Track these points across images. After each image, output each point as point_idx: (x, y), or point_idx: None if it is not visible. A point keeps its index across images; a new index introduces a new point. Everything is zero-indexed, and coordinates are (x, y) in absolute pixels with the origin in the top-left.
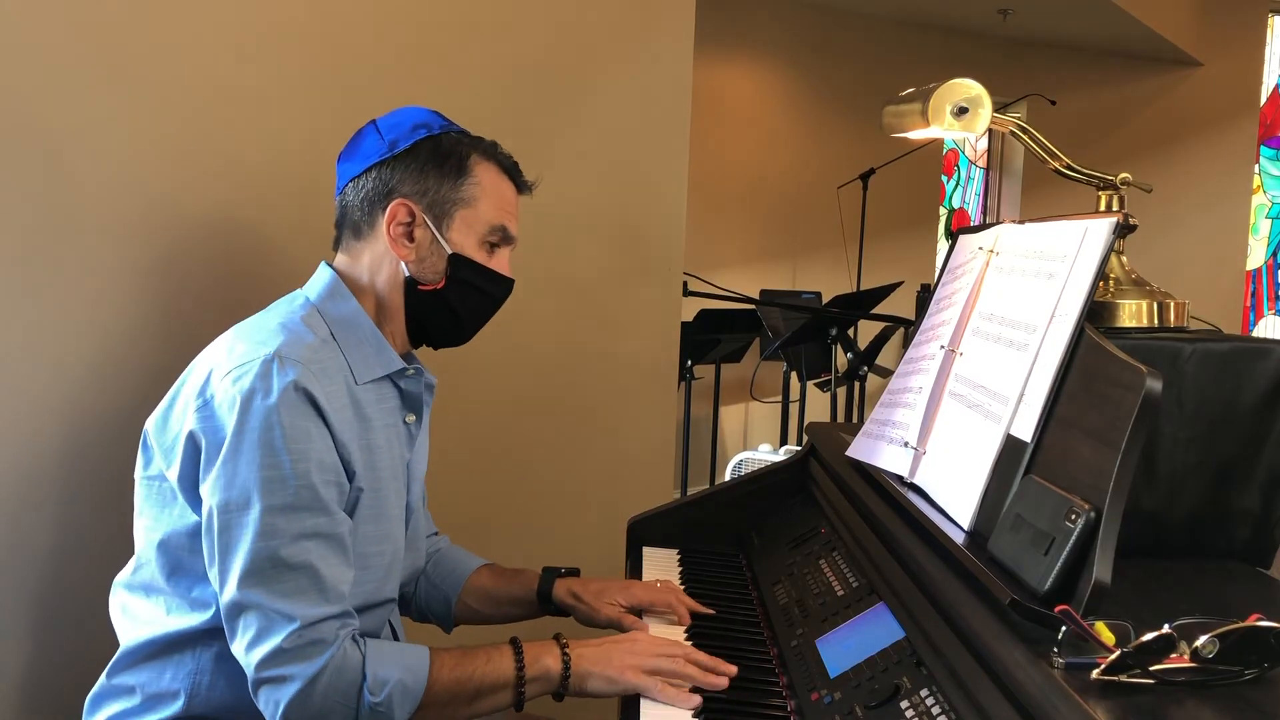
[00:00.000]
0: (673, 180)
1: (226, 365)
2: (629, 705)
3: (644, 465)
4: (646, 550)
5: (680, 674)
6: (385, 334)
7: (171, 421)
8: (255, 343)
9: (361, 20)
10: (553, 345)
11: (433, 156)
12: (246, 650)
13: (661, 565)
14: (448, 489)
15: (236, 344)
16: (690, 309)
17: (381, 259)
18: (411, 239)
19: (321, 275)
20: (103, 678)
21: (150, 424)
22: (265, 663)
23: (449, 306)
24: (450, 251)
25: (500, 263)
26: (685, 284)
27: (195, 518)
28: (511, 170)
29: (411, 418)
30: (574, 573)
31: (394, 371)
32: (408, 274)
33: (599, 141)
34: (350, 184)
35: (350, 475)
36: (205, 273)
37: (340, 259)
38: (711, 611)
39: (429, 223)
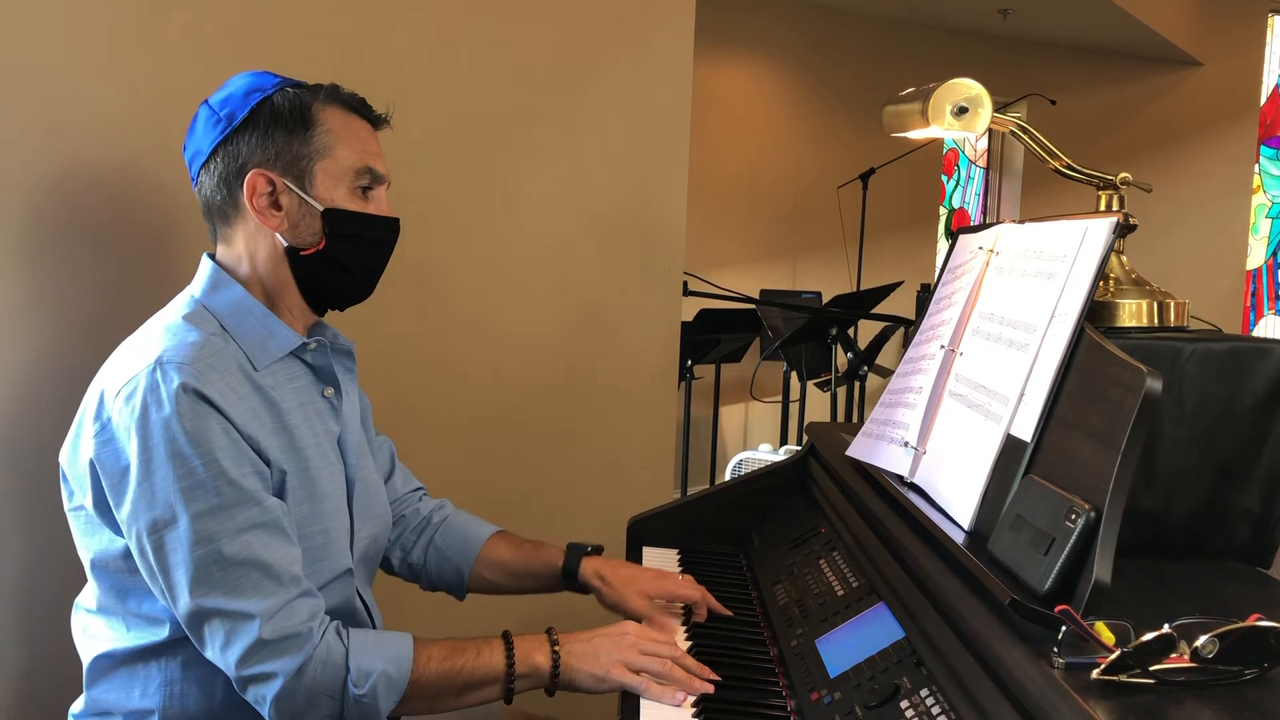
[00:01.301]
0: (673, 180)
1: (116, 384)
2: (628, 704)
3: (644, 465)
4: (646, 550)
5: (666, 676)
6: (282, 311)
7: (80, 450)
8: (139, 355)
9: (358, 18)
10: (553, 345)
11: (274, 117)
12: (221, 654)
13: (661, 565)
14: (447, 489)
15: (123, 358)
16: (690, 309)
17: (255, 236)
18: (279, 207)
19: (203, 269)
20: (82, 695)
21: (63, 456)
22: (244, 661)
23: (338, 264)
24: (321, 208)
25: (377, 205)
26: (685, 284)
27: (123, 541)
28: (359, 107)
29: (330, 391)
30: (598, 550)
31: (295, 349)
32: (286, 243)
33: (599, 141)
34: (202, 171)
35: (267, 462)
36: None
37: (219, 249)
38: (730, 613)
39: (291, 186)
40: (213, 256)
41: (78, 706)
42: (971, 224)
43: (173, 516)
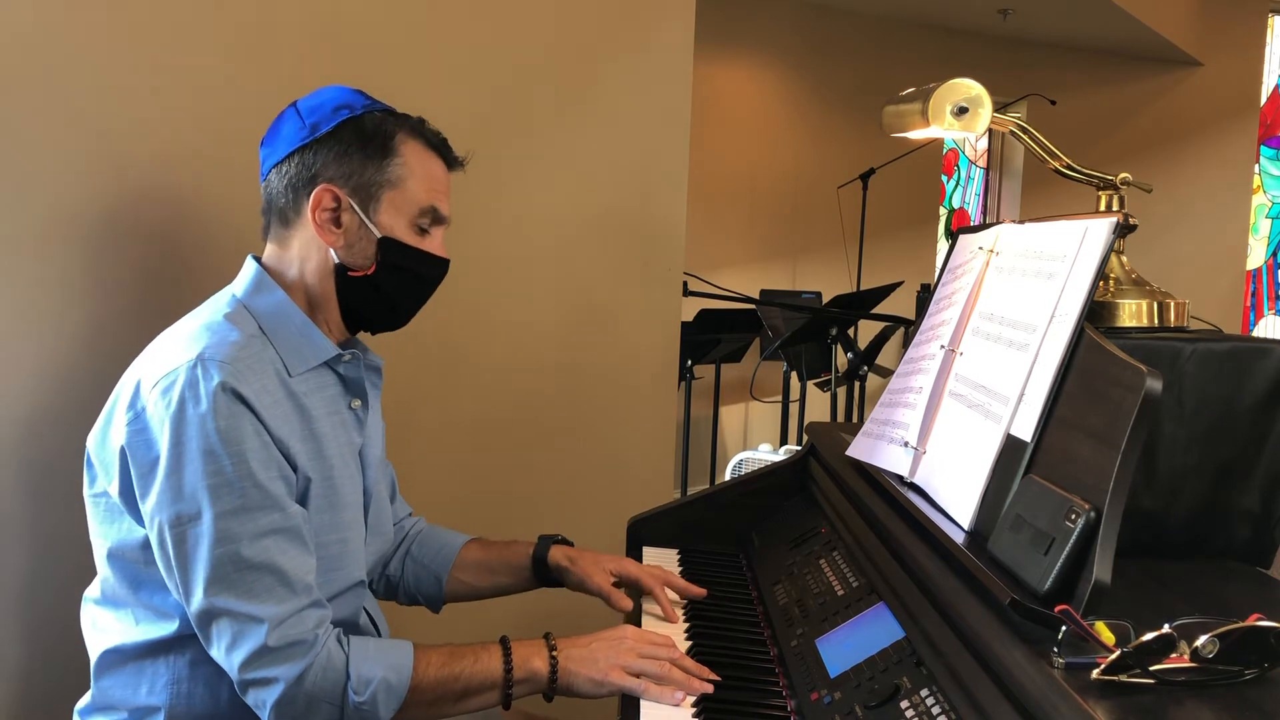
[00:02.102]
0: (673, 180)
1: (154, 375)
2: (628, 706)
3: (644, 465)
4: (646, 550)
5: (665, 678)
6: (319, 322)
7: (110, 437)
8: (179, 348)
9: (357, 17)
10: (553, 345)
11: (356, 138)
12: (226, 654)
13: (661, 565)
14: (448, 489)
15: (162, 351)
16: (690, 309)
17: (310, 246)
18: (338, 224)
19: (247, 270)
20: (91, 689)
21: (91, 441)
22: (247, 665)
23: (382, 292)
24: (379, 235)
25: (433, 244)
26: (685, 284)
27: (143, 531)
28: (440, 147)
29: (357, 403)
30: (568, 542)
31: (330, 359)
32: (337, 260)
33: (599, 141)
34: (274, 170)
35: (294, 467)
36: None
37: (270, 248)
38: (703, 592)
39: (355, 207)
40: (257, 259)
41: (84, 701)
42: (971, 224)
43: (197, 512)
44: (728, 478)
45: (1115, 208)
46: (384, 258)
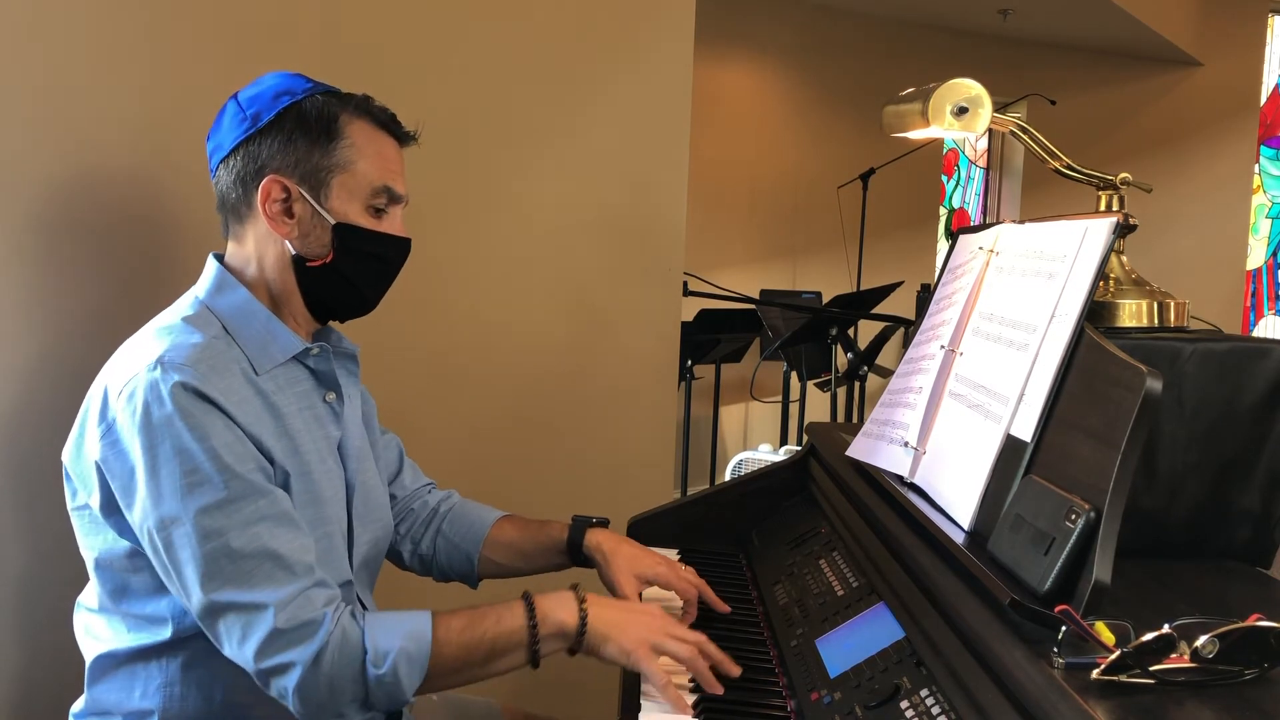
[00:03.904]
0: (673, 180)
1: (118, 384)
2: (629, 703)
3: (644, 465)
4: None
5: (690, 662)
6: (285, 316)
7: (85, 450)
8: (140, 355)
9: (354, 16)
10: (553, 345)
11: (299, 124)
12: (239, 648)
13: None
14: (448, 489)
15: (126, 358)
16: (690, 309)
17: (265, 240)
18: (291, 215)
19: (208, 270)
20: (84, 694)
21: (66, 455)
22: (261, 653)
23: (343, 279)
24: (333, 222)
25: (392, 224)
26: (685, 284)
27: (126, 542)
28: (389, 124)
29: (331, 396)
30: (604, 523)
31: (298, 353)
32: (293, 252)
33: (599, 141)
34: (221, 165)
35: (270, 460)
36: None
37: (230, 246)
38: (728, 609)
39: (305, 195)
40: (219, 258)
41: (79, 706)
42: (971, 224)
43: (179, 513)
44: (728, 478)
45: (1115, 208)
46: (341, 244)
